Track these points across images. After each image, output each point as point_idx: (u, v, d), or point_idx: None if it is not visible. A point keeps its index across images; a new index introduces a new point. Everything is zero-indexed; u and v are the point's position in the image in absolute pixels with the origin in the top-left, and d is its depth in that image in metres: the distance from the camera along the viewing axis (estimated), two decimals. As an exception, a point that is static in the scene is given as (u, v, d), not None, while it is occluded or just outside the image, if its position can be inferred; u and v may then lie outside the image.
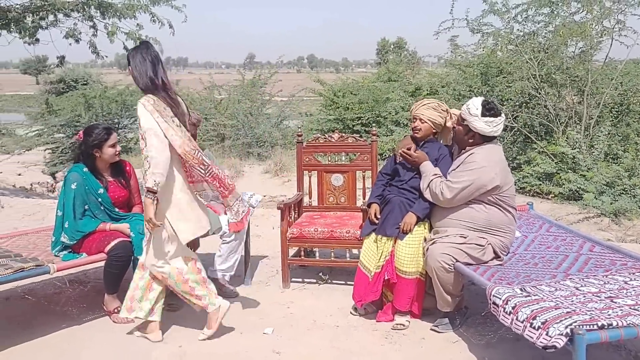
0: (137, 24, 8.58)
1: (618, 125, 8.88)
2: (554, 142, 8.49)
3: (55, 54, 9.34)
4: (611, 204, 6.96)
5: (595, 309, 2.58)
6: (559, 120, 8.68)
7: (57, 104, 17.07)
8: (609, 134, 8.36)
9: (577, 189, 7.50)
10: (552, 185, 7.91)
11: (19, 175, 13.36)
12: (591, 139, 8.38)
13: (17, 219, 6.32)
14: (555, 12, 8.84)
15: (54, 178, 12.93)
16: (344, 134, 4.73)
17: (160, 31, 8.84)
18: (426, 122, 3.76)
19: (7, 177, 12.51)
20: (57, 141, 14.39)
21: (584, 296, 2.75)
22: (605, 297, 2.72)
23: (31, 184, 11.75)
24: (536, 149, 8.63)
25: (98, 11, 8.54)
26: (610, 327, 2.41)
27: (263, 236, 5.62)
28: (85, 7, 8.46)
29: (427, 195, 3.60)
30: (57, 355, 3.30)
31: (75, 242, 3.67)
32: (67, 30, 8.66)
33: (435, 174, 3.60)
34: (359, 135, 5.70)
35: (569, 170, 7.90)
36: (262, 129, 12.47)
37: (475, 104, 3.51)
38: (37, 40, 8.84)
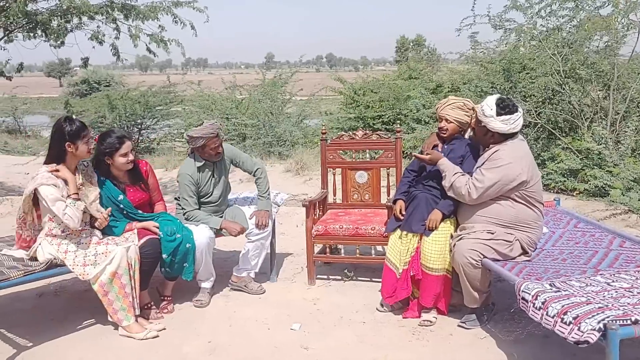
0: (160, 26, 8.68)
1: (647, 120, 8.71)
2: (578, 138, 8.38)
3: (78, 57, 9.51)
4: (639, 200, 6.85)
5: (628, 304, 2.57)
6: (584, 116, 8.56)
7: (80, 105, 17.34)
8: (636, 129, 8.21)
9: (603, 186, 7.37)
10: (577, 182, 7.80)
11: (45, 176, 13.65)
12: (617, 134, 8.25)
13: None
14: (580, 7, 8.71)
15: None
16: (368, 131, 4.74)
17: (181, 32, 8.96)
18: (452, 122, 3.75)
19: (34, 178, 12.78)
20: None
21: (616, 291, 2.73)
22: (638, 292, 2.70)
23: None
24: (560, 145, 8.52)
25: (121, 13, 8.63)
26: (644, 321, 2.39)
27: (287, 234, 5.66)
28: (109, 9, 8.55)
29: (451, 193, 3.59)
30: (91, 347, 3.39)
31: None
32: (91, 32, 8.78)
33: (457, 172, 3.59)
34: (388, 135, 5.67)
35: (595, 167, 7.77)
36: (282, 128, 12.51)
37: (489, 104, 3.48)
38: (63, 43, 8.98)
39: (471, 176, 3.54)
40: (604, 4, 8.62)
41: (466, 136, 3.87)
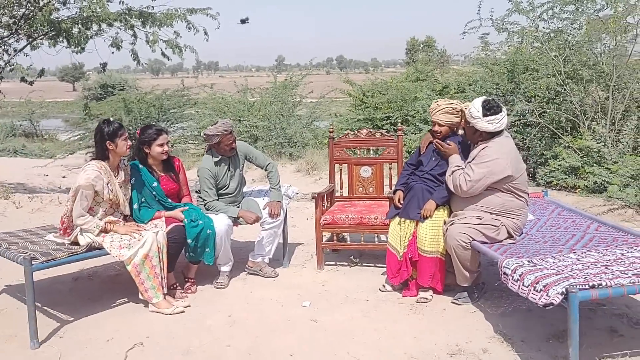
0: (175, 32, 9.08)
1: (649, 119, 8.93)
2: (579, 136, 8.64)
3: (91, 61, 9.87)
4: (635, 195, 7.08)
5: (590, 274, 2.96)
6: (585, 115, 8.83)
7: (97, 108, 17.79)
8: (636, 127, 8.45)
9: (602, 182, 7.64)
10: (578, 179, 8.07)
11: (64, 177, 14.13)
12: (617, 133, 8.50)
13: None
14: (579, 10, 8.99)
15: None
16: (371, 130, 5.15)
17: (194, 37, 9.39)
18: (444, 125, 4.16)
19: (54, 179, 13.26)
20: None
21: (583, 265, 3.13)
22: (601, 265, 3.10)
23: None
24: (562, 144, 8.79)
25: (139, 21, 9.04)
26: (600, 286, 2.80)
27: (298, 226, 6.09)
28: (127, 17, 8.96)
29: (449, 182, 3.98)
30: (125, 321, 3.83)
31: None
32: (111, 39, 9.21)
33: (458, 166, 3.98)
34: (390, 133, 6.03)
35: (594, 164, 8.04)
36: (293, 130, 12.85)
37: (475, 107, 3.87)
38: (83, 49, 9.42)
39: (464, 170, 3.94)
40: (603, 7, 8.89)
41: (460, 132, 4.27)
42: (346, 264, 4.89)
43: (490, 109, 3.81)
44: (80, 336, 3.63)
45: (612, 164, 7.89)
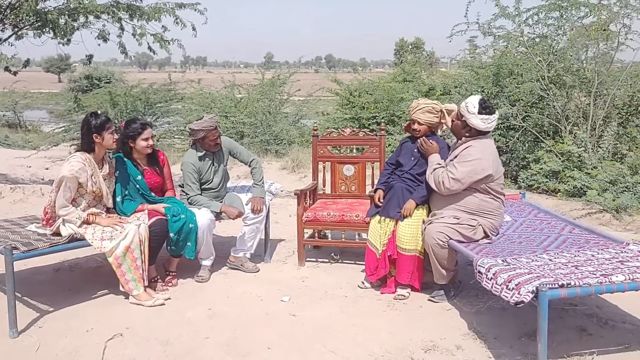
0: (163, 26, 9.07)
1: (628, 126, 9.11)
2: (561, 141, 8.79)
3: (77, 53, 9.82)
4: (613, 200, 7.23)
5: (561, 274, 3.06)
6: (567, 120, 8.97)
7: (83, 101, 17.64)
8: (616, 134, 8.61)
9: (582, 186, 7.78)
10: (558, 183, 8.21)
11: (47, 169, 14.03)
12: (598, 138, 8.65)
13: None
14: (564, 16, 9.14)
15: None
16: (355, 129, 5.21)
17: (181, 32, 9.33)
18: (423, 124, 4.24)
19: (37, 171, 13.16)
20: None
21: (554, 265, 3.22)
22: (572, 266, 3.19)
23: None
24: (544, 147, 8.93)
25: (127, 14, 9.02)
26: (569, 286, 2.89)
27: (281, 222, 6.14)
28: (115, 9, 8.94)
29: (431, 181, 4.06)
30: (105, 312, 3.86)
31: None
32: (98, 31, 9.17)
33: (439, 164, 4.06)
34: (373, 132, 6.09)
35: (575, 169, 8.17)
36: (279, 127, 12.88)
37: (473, 103, 3.96)
38: (69, 41, 9.37)
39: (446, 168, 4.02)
40: (587, 14, 9.05)
41: (438, 133, 4.35)
42: (327, 260, 4.95)
43: (486, 108, 3.91)
44: (59, 326, 3.65)
45: (591, 169, 8.02)
